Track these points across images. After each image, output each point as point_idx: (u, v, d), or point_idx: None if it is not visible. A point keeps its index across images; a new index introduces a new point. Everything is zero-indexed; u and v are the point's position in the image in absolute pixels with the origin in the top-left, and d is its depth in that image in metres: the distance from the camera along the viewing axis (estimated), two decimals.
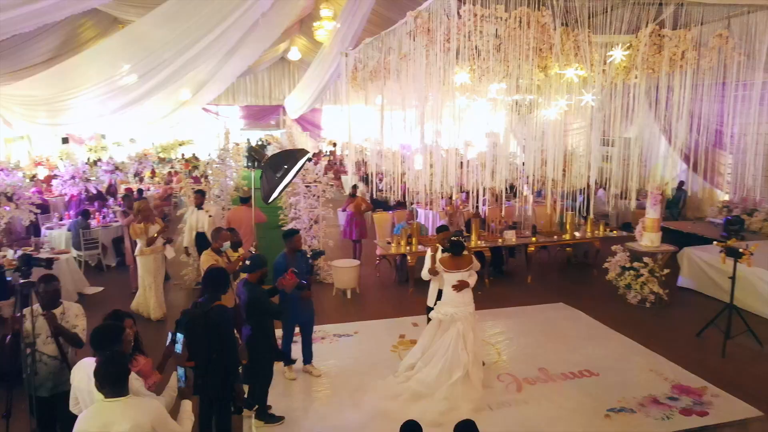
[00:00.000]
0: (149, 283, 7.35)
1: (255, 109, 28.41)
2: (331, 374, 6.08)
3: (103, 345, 3.27)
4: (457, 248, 5.59)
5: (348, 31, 10.04)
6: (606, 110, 4.56)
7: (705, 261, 8.56)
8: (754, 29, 3.84)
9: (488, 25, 3.32)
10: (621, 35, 3.70)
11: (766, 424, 5.05)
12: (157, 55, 10.10)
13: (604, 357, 6.43)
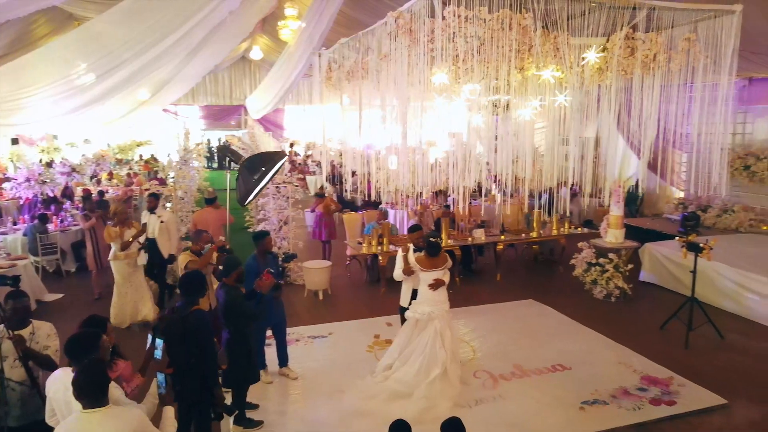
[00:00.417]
0: (125, 290, 7.12)
1: (215, 109, 27.91)
2: (308, 376, 6.03)
3: (80, 354, 3.14)
4: (434, 249, 5.63)
5: (315, 31, 9.96)
6: (584, 110, 4.67)
7: (665, 256, 8.89)
8: (720, 33, 4.04)
9: (471, 27, 3.35)
10: (597, 38, 3.81)
11: (730, 412, 5.28)
12: (116, 55, 9.77)
13: (575, 351, 6.59)
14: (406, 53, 3.79)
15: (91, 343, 3.19)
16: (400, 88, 3.90)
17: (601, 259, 8.28)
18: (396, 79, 3.90)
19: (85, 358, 3.03)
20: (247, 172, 5.53)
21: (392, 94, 4.17)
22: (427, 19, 3.54)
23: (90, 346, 3.17)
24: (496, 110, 5.00)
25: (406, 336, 5.83)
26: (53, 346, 3.88)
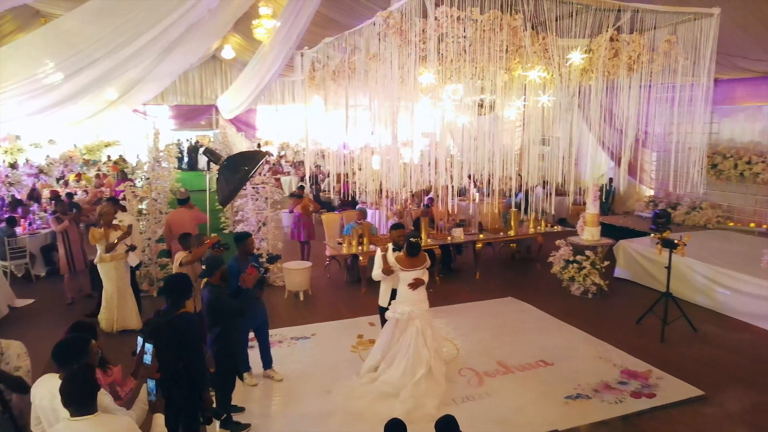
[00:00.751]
0: (111, 293, 6.94)
1: (185, 109, 27.46)
2: (293, 378, 5.98)
3: (68, 359, 3.06)
4: (414, 248, 5.63)
5: (291, 30, 9.87)
6: (572, 111, 4.75)
7: (639, 252, 9.11)
8: (699, 35, 4.17)
9: (462, 27, 3.38)
10: (584, 39, 3.89)
11: (707, 403, 5.44)
12: (85, 54, 9.50)
13: (556, 347, 6.70)
14: (396, 53, 3.80)
15: (80, 348, 3.10)
16: (390, 87, 3.90)
17: (579, 257, 8.44)
18: (385, 79, 3.90)
19: (73, 364, 2.96)
20: (229, 172, 5.42)
21: (380, 94, 4.15)
22: (417, 20, 3.55)
23: (79, 352, 3.08)
24: (481, 110, 5.03)
25: (387, 336, 5.83)
26: (24, 367, 3.73)
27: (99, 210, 7.02)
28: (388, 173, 5.76)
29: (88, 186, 15.58)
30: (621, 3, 3.87)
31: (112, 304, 6.95)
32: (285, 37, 10.32)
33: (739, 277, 7.69)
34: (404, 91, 4.20)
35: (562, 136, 6.48)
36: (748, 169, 10.06)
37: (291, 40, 9.99)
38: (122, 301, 7.06)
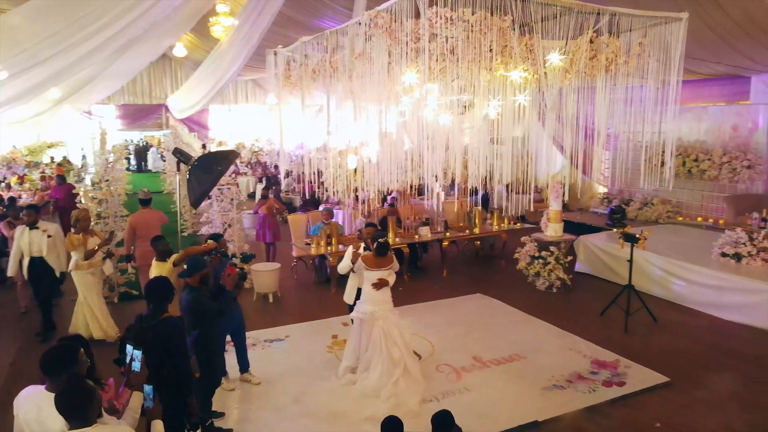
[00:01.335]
0: (91, 301, 6.62)
1: (133, 108, 26.52)
2: (272, 380, 5.90)
3: (58, 369, 2.93)
4: (382, 248, 5.65)
5: (253, 29, 9.74)
6: (555, 110, 4.89)
7: (598, 247, 9.46)
8: (669, 38, 4.40)
9: (453, 28, 3.43)
10: (565, 41, 4.02)
11: (673, 389, 5.71)
12: (32, 53, 9.06)
13: (528, 341, 6.88)
14: (383, 52, 3.81)
15: (70, 356, 2.96)
16: (378, 86, 3.92)
17: (544, 252, 8.69)
18: (372, 77, 3.91)
19: (63, 373, 2.84)
20: (202, 173, 5.33)
21: (367, 93, 4.16)
22: (407, 20, 3.58)
23: (69, 360, 2.95)
24: (464, 110, 5.12)
25: (356, 337, 5.84)
26: None
27: (75, 215, 6.67)
28: (365, 172, 5.77)
29: (33, 189, 14.84)
30: (600, 6, 4.05)
31: (90, 313, 6.64)
32: (246, 35, 10.17)
33: (693, 268, 8.12)
34: (388, 90, 4.22)
35: (522, 135, 6.65)
36: (696, 166, 10.61)
37: (253, 39, 9.86)
38: (99, 310, 6.78)
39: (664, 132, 5.11)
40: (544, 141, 10.53)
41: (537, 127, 8.30)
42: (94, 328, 6.68)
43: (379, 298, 5.68)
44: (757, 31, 8.38)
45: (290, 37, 13.82)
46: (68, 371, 2.85)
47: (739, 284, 7.53)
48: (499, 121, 5.52)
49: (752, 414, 5.22)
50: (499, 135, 6.03)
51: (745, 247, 7.99)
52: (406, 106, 4.96)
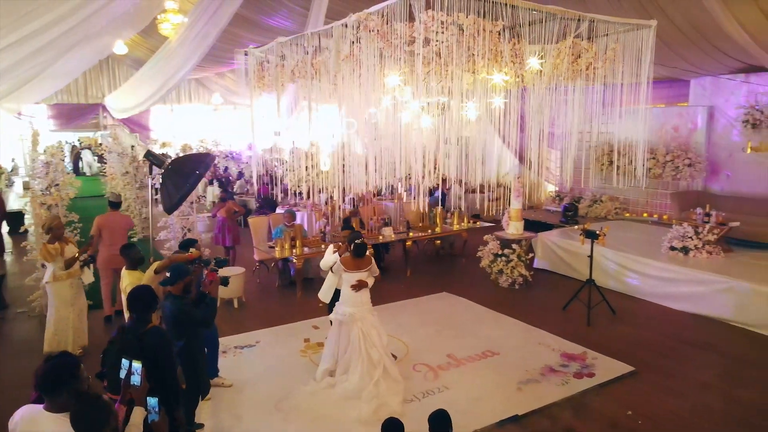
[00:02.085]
0: (65, 314, 6.20)
1: (67, 108, 25.21)
2: (249, 387, 5.77)
3: (57, 387, 2.76)
4: (360, 250, 5.66)
5: (209, 28, 9.48)
6: (544, 112, 5.03)
7: (555, 244, 9.81)
8: (640, 43, 4.64)
9: (447, 32, 3.48)
10: (552, 44, 4.16)
11: (638, 378, 6.00)
12: None
13: (498, 337, 7.05)
14: (371, 55, 3.81)
15: (70, 371, 2.79)
16: (366, 88, 3.92)
17: (506, 250, 8.92)
18: (361, 80, 3.90)
19: (63, 392, 2.68)
20: (178, 177, 5.15)
21: (355, 95, 4.14)
22: (399, 23, 3.60)
23: (69, 377, 2.78)
24: (441, 112, 5.18)
25: (334, 339, 5.81)
26: None
27: (48, 223, 6.27)
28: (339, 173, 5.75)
29: None
30: (581, 13, 4.21)
31: (66, 326, 6.25)
32: (201, 34, 9.89)
33: (645, 262, 8.55)
34: (374, 91, 4.22)
35: (472, 136, 6.80)
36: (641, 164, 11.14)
37: (209, 38, 9.60)
38: (80, 320, 6.42)
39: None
40: (495, 142, 10.81)
41: (488, 129, 8.52)
42: (74, 340, 6.34)
43: (358, 299, 5.68)
44: (698, 37, 8.93)
45: (241, 36, 13.62)
46: (69, 389, 2.69)
47: (687, 276, 7.99)
48: (452, 122, 5.68)
49: (713, 397, 5.55)
50: (452, 135, 6.16)
51: (692, 240, 8.49)
52: (382, 109, 4.99)
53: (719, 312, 7.53)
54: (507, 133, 5.51)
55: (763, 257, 8.51)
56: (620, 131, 6.04)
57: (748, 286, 7.28)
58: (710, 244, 8.44)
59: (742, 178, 10.51)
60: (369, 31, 3.63)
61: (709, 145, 10.87)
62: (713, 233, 8.45)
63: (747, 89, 10.18)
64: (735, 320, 7.37)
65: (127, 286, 5.33)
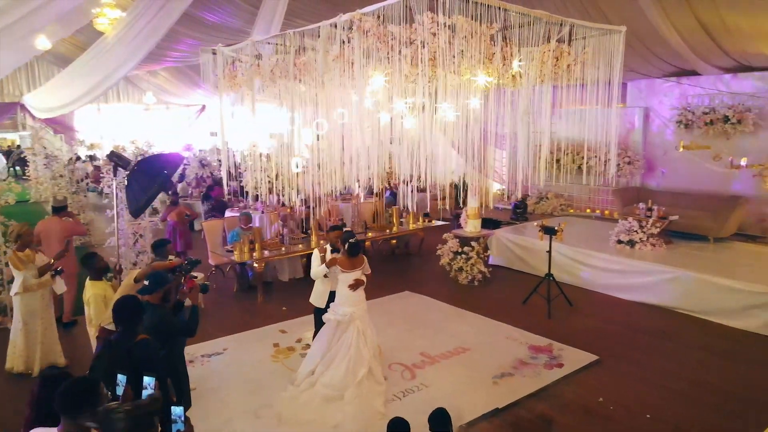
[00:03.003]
0: (34, 328, 5.68)
1: None
2: (223, 396, 5.58)
3: (80, 407, 2.57)
4: (355, 249, 5.65)
5: (157, 25, 9.06)
6: (532, 112, 5.15)
7: (510, 240, 10.10)
8: (612, 48, 4.89)
9: (445, 34, 3.50)
10: (534, 47, 4.30)
11: (603, 366, 6.30)
12: None
13: (466, 333, 7.18)
14: (362, 55, 3.79)
15: (92, 391, 2.61)
16: (359, 88, 3.88)
17: (466, 248, 9.10)
18: (353, 82, 3.87)
19: (85, 412, 2.51)
20: (145, 178, 4.90)
21: (333, 95, 4.10)
22: (394, 24, 3.59)
23: (92, 396, 2.60)
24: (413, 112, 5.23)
25: (327, 339, 5.75)
26: None
27: (17, 230, 5.75)
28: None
29: None
30: (563, 18, 4.38)
31: (35, 340, 5.75)
32: (147, 30, 9.45)
33: (595, 255, 8.98)
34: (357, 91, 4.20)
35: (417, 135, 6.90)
36: (584, 162, 11.69)
37: (157, 35, 9.20)
38: (49, 333, 5.95)
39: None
40: (440, 142, 10.99)
41: (434, 128, 8.68)
42: (42, 354, 5.89)
43: (356, 298, 5.66)
44: (635, 41, 9.46)
45: (179, 32, 13.10)
46: (90, 409, 2.51)
47: (636, 267, 8.46)
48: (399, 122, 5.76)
49: (675, 382, 5.90)
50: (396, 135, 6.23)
51: (637, 234, 9.00)
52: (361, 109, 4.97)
53: (666, 300, 8.02)
54: (460, 134, 5.65)
55: (701, 248, 9.17)
56: (562, 131, 6.33)
57: (692, 275, 7.80)
58: (653, 237, 8.97)
59: (676, 174, 11.25)
60: (364, 32, 3.60)
61: (645, 144, 11.57)
62: (656, 227, 8.99)
63: (679, 92, 10.91)
64: (681, 307, 7.88)
65: (90, 298, 5.04)
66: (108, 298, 5.04)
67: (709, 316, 7.60)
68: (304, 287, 9.02)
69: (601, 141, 11.59)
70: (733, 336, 7.13)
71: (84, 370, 5.93)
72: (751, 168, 9.59)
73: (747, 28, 8.13)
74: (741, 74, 10.08)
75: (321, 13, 9.98)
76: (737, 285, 7.38)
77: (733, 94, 10.06)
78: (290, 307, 8.21)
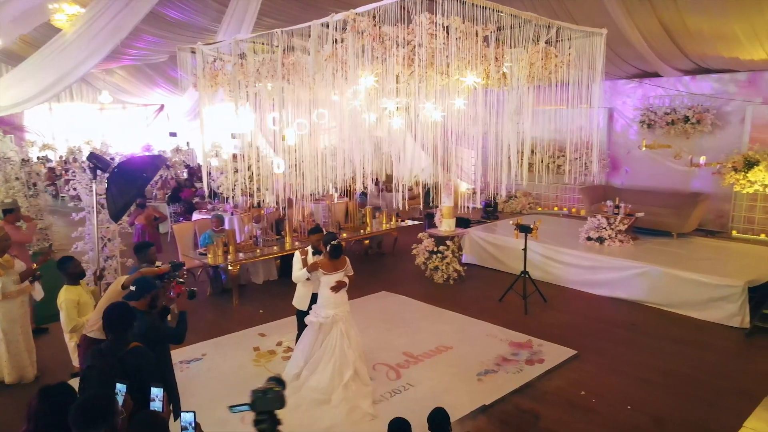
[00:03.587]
0: (13, 336, 5.35)
1: None
2: (206, 403, 5.43)
3: (95, 424, 2.48)
4: (337, 251, 5.63)
5: (123, 22, 8.78)
6: (522, 113, 5.22)
7: (482, 239, 10.24)
8: (593, 49, 5.03)
9: (442, 35, 3.52)
10: (521, 48, 4.37)
11: (582, 360, 6.45)
12: None
13: (446, 332, 7.23)
14: (355, 55, 3.77)
15: (109, 407, 2.52)
16: (350, 87, 3.86)
17: (441, 247, 9.17)
18: (347, 80, 3.84)
19: (100, 429, 2.41)
20: (124, 182, 4.76)
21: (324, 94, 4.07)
22: (390, 24, 3.59)
23: (108, 413, 2.50)
24: (398, 113, 5.24)
25: (310, 341, 5.71)
26: None
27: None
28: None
29: None
30: (550, 20, 4.47)
31: (20, 349, 5.45)
32: (111, 27, 9.15)
33: (566, 252, 9.20)
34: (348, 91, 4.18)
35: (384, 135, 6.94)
36: (552, 162, 11.97)
37: (123, 31, 8.91)
38: (29, 341, 5.65)
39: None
40: (408, 142, 11.09)
41: (401, 128, 8.74)
42: (29, 365, 5.61)
43: (338, 300, 5.63)
44: None
45: (140, 29, 12.71)
46: (107, 425, 2.42)
47: (606, 263, 8.71)
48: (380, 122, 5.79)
49: (649, 372, 6.11)
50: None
51: (606, 231, 9.27)
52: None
53: (635, 295, 8.28)
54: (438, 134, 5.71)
55: (665, 243, 9.51)
56: (541, 132, 6.48)
57: (660, 270, 8.09)
58: (621, 234, 9.26)
59: (639, 172, 11.64)
60: (359, 33, 3.59)
61: (610, 143, 11.93)
62: (623, 224, 9.28)
63: (641, 93, 11.29)
64: (649, 301, 8.15)
65: (63, 303, 4.87)
66: (83, 304, 4.87)
67: (675, 309, 7.89)
68: (279, 289, 8.95)
69: (577, 141, 11.91)
70: (698, 327, 7.43)
71: (56, 379, 5.73)
72: (709, 166, 10.01)
73: (707, 30, 8.48)
74: (699, 76, 10.51)
75: (292, 12, 9.90)
76: (701, 278, 7.69)
77: (692, 96, 10.48)
78: (267, 309, 8.10)
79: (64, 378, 5.17)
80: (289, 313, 6.60)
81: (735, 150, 9.79)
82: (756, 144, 9.65)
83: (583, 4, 8.06)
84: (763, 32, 8.16)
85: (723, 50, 9.07)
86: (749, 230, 9.77)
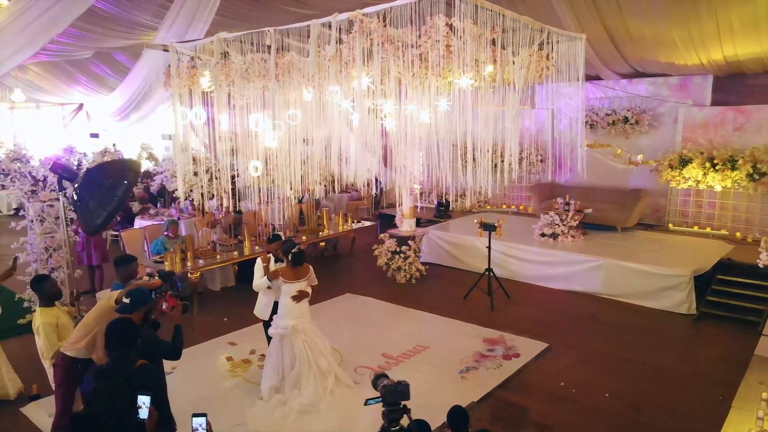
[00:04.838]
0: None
1: None
2: (187, 418, 5.16)
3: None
4: (298, 258, 5.47)
5: (59, 15, 8.14)
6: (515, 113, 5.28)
7: (440, 238, 10.38)
8: (575, 52, 5.23)
9: (452, 37, 3.50)
10: (522, 50, 4.45)
11: (554, 352, 6.69)
12: None
13: (420, 331, 7.27)
14: (359, 55, 3.70)
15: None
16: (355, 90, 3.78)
17: (403, 247, 9.20)
18: (349, 81, 3.76)
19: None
20: (99, 190, 4.40)
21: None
22: (401, 26, 3.54)
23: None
24: (382, 115, 5.20)
25: (277, 354, 5.52)
26: None
27: None
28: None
29: None
30: (543, 24, 4.59)
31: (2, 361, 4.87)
32: (47, 23, 8.48)
33: (523, 248, 9.51)
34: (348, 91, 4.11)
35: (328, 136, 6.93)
36: (500, 160, 12.31)
37: (59, 26, 8.28)
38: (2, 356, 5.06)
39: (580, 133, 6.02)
40: (352, 142, 11.10)
41: (345, 129, 8.75)
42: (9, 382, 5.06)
43: (299, 310, 5.46)
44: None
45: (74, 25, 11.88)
46: None
47: (562, 258, 9.07)
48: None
49: (615, 362, 6.42)
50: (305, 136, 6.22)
51: (559, 227, 9.66)
52: None
53: (590, 287, 8.69)
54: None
55: (611, 237, 10.03)
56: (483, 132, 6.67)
57: (613, 263, 8.53)
58: (573, 229, 9.68)
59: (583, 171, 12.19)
60: (367, 33, 3.52)
61: (554, 143, 12.42)
62: (574, 219, 9.71)
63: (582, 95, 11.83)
64: (604, 293, 8.58)
65: (40, 327, 4.47)
66: (62, 326, 4.48)
67: (629, 299, 8.35)
68: (238, 296, 8.66)
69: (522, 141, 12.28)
70: (652, 315, 7.90)
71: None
72: (646, 164, 10.67)
73: (648, 35, 9.02)
74: (635, 80, 11.17)
75: (244, 12, 9.59)
76: (651, 269, 8.18)
77: (630, 98, 11.12)
78: (231, 317, 7.81)
79: None
80: (255, 320, 6.40)
81: (670, 149, 10.49)
82: (688, 143, 10.38)
83: (538, 7, 8.34)
84: (698, 39, 8.79)
85: (661, 55, 9.68)
86: (683, 223, 10.49)
